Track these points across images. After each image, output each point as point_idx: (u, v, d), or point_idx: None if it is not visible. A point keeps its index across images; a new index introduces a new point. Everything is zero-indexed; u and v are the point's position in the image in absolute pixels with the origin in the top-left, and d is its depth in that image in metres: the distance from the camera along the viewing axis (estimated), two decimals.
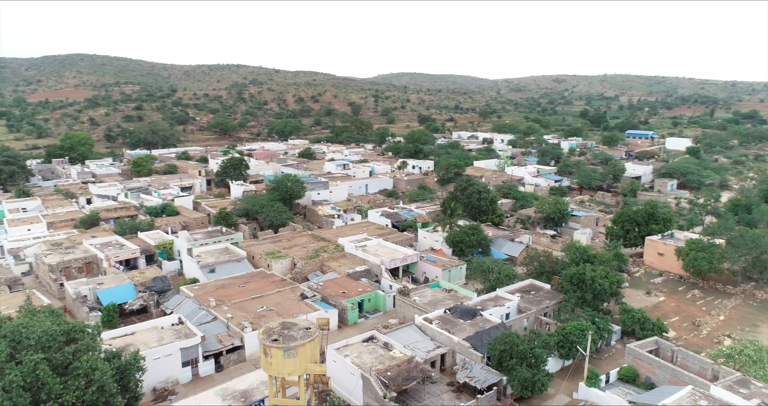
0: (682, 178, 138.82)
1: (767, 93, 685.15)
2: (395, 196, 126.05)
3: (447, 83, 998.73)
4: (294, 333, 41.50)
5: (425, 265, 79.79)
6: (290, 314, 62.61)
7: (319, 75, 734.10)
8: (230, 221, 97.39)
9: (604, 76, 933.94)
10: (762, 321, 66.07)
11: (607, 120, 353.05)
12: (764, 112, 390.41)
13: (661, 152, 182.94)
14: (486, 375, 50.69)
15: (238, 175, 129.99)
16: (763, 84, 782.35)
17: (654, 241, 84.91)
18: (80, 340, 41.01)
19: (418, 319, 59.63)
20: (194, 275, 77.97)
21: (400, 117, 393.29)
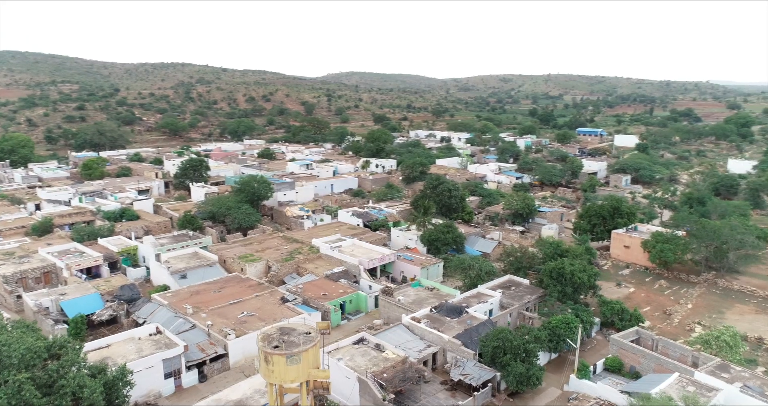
0: (634, 174, 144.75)
1: (698, 92, 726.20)
2: (362, 196, 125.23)
3: (397, 83, 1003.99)
4: (295, 339, 40.22)
5: (403, 264, 79.49)
6: (272, 318, 60.94)
7: (269, 74, 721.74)
8: (196, 225, 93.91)
9: (548, 76, 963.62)
10: (726, 308, 69.50)
11: (555, 118, 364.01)
12: (698, 109, 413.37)
13: (612, 149, 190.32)
14: (480, 372, 50.87)
15: (198, 177, 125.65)
16: (694, 83, 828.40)
17: (620, 234, 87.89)
18: (63, 356, 38.28)
19: (406, 318, 59.23)
20: (164, 282, 74.62)
21: (354, 116, 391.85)
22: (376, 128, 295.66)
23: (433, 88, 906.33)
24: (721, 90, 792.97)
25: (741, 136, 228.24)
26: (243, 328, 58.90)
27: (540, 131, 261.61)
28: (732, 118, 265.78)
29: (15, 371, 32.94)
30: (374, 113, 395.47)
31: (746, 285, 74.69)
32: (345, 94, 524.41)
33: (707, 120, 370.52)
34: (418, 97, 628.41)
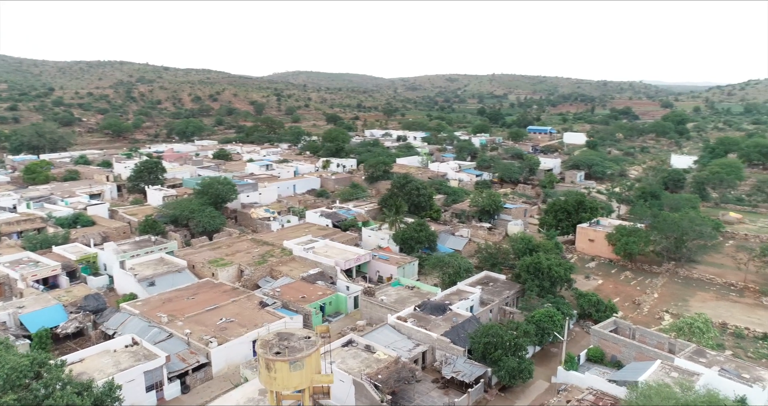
0: (587, 170, 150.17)
1: (633, 91, 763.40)
2: (326, 196, 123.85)
3: (345, 82, 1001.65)
4: (296, 344, 39.09)
5: (378, 263, 79.07)
6: (253, 324, 59.22)
7: (213, 73, 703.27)
8: (158, 229, 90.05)
9: (493, 76, 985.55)
10: (689, 296, 73.09)
11: (504, 117, 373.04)
12: (636, 108, 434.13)
13: (564, 146, 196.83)
14: (471, 369, 51.21)
15: (153, 180, 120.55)
16: (629, 83, 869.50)
17: (585, 228, 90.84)
18: (45, 374, 35.63)
19: (392, 318, 58.87)
20: (131, 290, 71.02)
21: (305, 116, 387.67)
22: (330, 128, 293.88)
23: (381, 88, 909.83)
24: (653, 89, 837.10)
25: (678, 133, 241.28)
26: (224, 335, 56.86)
27: (492, 130, 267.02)
28: (669, 116, 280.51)
29: (0, 393, 30.33)
30: (325, 113, 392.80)
31: (704, 273, 78.84)
32: (294, 93, 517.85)
33: (644, 118, 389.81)
34: (367, 96, 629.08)
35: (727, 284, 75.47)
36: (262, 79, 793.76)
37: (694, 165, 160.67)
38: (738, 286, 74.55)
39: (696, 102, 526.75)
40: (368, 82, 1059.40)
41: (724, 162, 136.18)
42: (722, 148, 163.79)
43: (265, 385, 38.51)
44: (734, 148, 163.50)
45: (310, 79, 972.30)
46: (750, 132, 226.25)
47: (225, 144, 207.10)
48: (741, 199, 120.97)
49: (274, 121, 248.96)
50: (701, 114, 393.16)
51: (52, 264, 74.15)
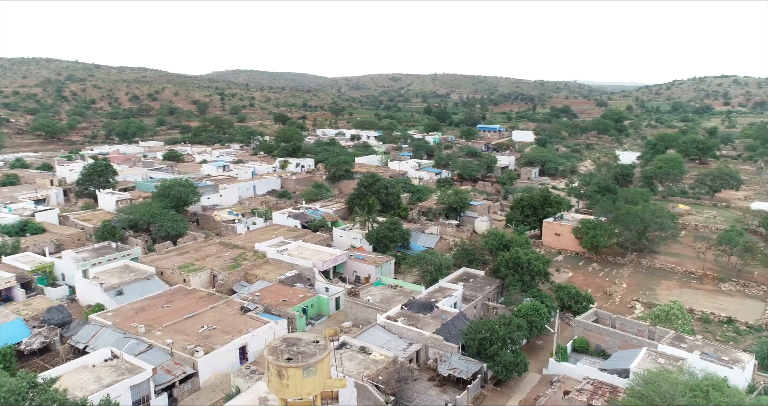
0: (541, 166, 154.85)
1: (568, 91, 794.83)
2: (288, 197, 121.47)
3: (287, 81, 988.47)
4: (305, 349, 37.94)
5: (355, 263, 78.25)
6: (237, 330, 57.15)
7: (150, 71, 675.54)
8: (117, 235, 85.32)
9: (435, 76, 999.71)
10: (655, 285, 76.65)
11: (450, 116, 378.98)
12: (574, 107, 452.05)
13: (515, 144, 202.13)
14: (466, 365, 51.47)
15: (104, 183, 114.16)
16: (564, 83, 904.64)
17: (551, 223, 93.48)
18: (37, 394, 32.81)
19: (381, 318, 58.29)
20: (96, 301, 66.87)
21: (251, 115, 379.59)
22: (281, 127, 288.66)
23: (324, 87, 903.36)
24: (587, 89, 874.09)
25: (618, 131, 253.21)
26: (208, 343, 54.49)
27: (443, 128, 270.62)
28: (607, 114, 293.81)
29: None
30: (272, 112, 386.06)
31: (666, 263, 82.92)
32: (236, 92, 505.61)
33: (582, 116, 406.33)
34: (311, 95, 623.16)
35: (687, 273, 79.72)
36: (202, 77, 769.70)
37: (638, 160, 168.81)
38: (697, 274, 78.89)
39: (627, 101, 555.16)
40: (311, 82, 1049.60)
41: (667, 157, 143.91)
42: (662, 145, 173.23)
43: (275, 393, 37.13)
44: (673, 144, 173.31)
45: (251, 78, 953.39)
46: (683, 129, 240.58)
47: (172, 145, 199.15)
48: (685, 192, 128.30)
49: (222, 121, 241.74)
50: (634, 112, 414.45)
51: (5, 276, 68.68)
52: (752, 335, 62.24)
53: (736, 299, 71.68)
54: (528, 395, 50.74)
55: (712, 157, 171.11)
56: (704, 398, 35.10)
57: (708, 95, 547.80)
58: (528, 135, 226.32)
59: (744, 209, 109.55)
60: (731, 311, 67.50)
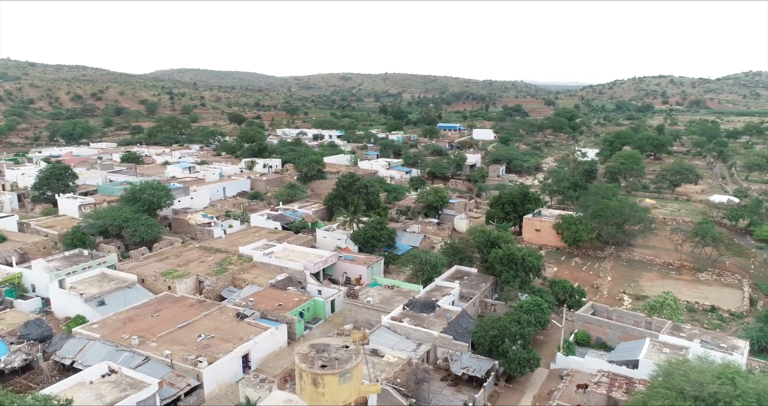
0: (507, 164, 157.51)
1: (516, 90, 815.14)
2: (260, 198, 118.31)
3: (235, 80, 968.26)
4: (337, 355, 36.69)
5: (345, 264, 76.87)
6: (238, 338, 54.90)
7: (89, 70, 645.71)
8: (88, 242, 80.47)
9: (386, 75, 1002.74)
10: (637, 277, 79.16)
11: (407, 115, 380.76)
12: (525, 106, 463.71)
13: (479, 143, 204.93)
14: (478, 363, 51.32)
15: (63, 188, 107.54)
16: (512, 82, 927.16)
17: (531, 219, 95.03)
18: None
19: (386, 319, 57.35)
20: (75, 312, 62.71)
21: (203, 115, 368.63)
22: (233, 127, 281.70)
23: (274, 86, 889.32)
24: (533, 88, 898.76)
25: (572, 128, 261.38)
26: (209, 353, 51.98)
27: (405, 127, 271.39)
28: (560, 113, 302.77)
29: None
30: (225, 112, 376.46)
31: (644, 256, 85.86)
32: (185, 92, 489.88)
33: (533, 115, 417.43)
34: (263, 95, 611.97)
35: (665, 264, 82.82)
36: (146, 76, 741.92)
37: (597, 157, 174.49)
38: (675, 265, 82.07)
39: (573, 100, 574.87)
40: (261, 81, 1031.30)
41: (627, 154, 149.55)
42: (619, 142, 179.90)
43: (310, 402, 35.62)
44: (629, 141, 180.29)
45: (198, 77, 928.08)
46: (633, 126, 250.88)
47: (126, 146, 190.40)
48: (646, 186, 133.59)
49: (178, 121, 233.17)
50: (582, 111, 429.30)
51: None
52: (735, 322, 65.18)
53: (714, 287, 74.97)
54: (540, 391, 51.10)
55: (666, 153, 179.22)
56: (731, 385, 36.14)
57: (647, 94, 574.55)
58: (488, 133, 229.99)
59: (706, 202, 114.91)
60: (713, 299, 70.51)
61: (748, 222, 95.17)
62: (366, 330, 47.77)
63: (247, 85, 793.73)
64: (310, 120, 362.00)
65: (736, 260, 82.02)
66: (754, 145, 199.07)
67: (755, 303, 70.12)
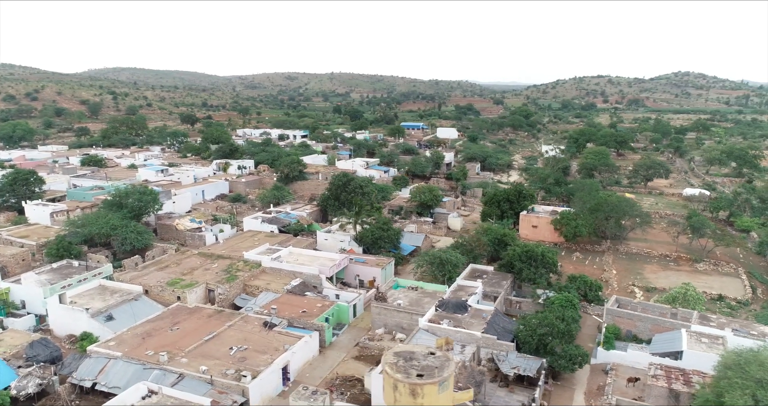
0: (481, 162, 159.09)
1: (461, 90, 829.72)
2: (242, 201, 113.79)
3: (175, 80, 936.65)
4: (429, 362, 35.04)
5: (357, 267, 74.74)
6: (273, 348, 51.98)
7: (18, 68, 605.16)
8: (74, 252, 74.48)
9: (332, 75, 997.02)
10: (641, 269, 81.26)
11: (362, 115, 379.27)
12: (476, 105, 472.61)
13: (448, 141, 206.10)
14: (527, 362, 50.70)
15: (30, 194, 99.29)
16: (457, 82, 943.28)
17: (528, 215, 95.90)
18: None
19: (423, 322, 55.83)
20: (81, 329, 57.52)
21: (150, 116, 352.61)
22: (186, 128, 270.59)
23: (218, 86, 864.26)
24: (478, 88, 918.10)
25: (530, 126, 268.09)
26: (247, 366, 48.84)
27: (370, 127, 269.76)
28: (517, 111, 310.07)
29: None
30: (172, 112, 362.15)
31: (641, 249, 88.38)
32: (128, 92, 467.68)
33: (484, 113, 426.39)
34: (209, 94, 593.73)
35: (663, 256, 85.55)
36: (80, 75, 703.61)
37: (562, 154, 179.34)
38: (672, 256, 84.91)
39: (519, 99, 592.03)
40: (203, 80, 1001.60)
41: (595, 150, 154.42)
42: (583, 139, 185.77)
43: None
44: (593, 138, 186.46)
45: (135, 76, 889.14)
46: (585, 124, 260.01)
47: (78, 149, 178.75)
48: (619, 181, 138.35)
49: (134, 122, 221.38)
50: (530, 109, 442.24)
51: None
52: (744, 310, 67.95)
53: (714, 277, 78.03)
54: (589, 387, 51.14)
55: (629, 149, 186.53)
56: None
57: (588, 94, 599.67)
58: (452, 132, 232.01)
59: (679, 195, 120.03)
60: (717, 288, 73.27)
61: (728, 213, 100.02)
62: (446, 337, 46.01)
63: (189, 85, 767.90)
64: (263, 120, 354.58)
65: (724, 249, 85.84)
66: (704, 142, 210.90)
67: (755, 290, 73.43)
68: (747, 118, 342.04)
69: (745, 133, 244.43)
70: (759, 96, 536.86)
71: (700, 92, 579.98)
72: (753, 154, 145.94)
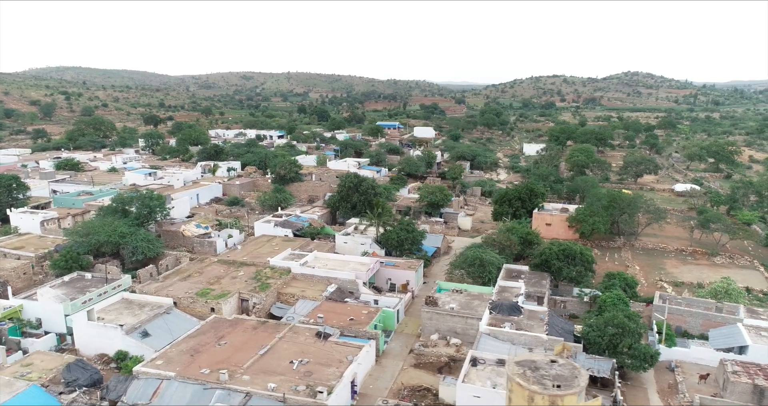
0: (471, 161, 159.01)
1: (419, 89, 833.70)
2: (240, 204, 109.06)
3: (124, 79, 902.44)
4: (558, 371, 33.24)
5: (388, 270, 72.33)
6: (337, 360, 49.09)
7: None
8: (84, 263, 68.93)
9: (289, 74, 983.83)
10: (662, 264, 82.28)
11: (328, 114, 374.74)
12: (440, 104, 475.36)
13: (431, 140, 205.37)
14: (598, 363, 49.80)
15: (14, 201, 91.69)
16: (415, 82, 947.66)
17: (541, 213, 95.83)
18: None
19: (484, 326, 54.13)
20: (114, 348, 52.83)
21: (107, 117, 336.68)
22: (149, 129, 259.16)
23: (170, 86, 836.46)
24: (436, 88, 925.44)
25: (502, 125, 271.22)
26: (315, 380, 45.83)
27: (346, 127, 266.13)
28: (488, 110, 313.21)
29: None
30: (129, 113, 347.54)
31: (657, 244, 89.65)
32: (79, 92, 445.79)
33: (448, 113, 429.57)
34: (164, 94, 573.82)
35: (678, 250, 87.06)
36: (23, 75, 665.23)
37: (543, 152, 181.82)
38: (688, 251, 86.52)
39: (479, 98, 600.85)
40: (153, 80, 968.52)
41: (581, 148, 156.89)
42: (564, 136, 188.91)
43: None
44: (573, 136, 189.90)
45: (80, 76, 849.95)
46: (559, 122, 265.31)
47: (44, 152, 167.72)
48: (608, 178, 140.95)
49: (103, 123, 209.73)
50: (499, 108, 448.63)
51: None
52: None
53: (733, 270, 79.81)
54: (659, 385, 50.71)
55: (608, 146, 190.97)
56: None
57: (545, 93, 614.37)
58: (429, 131, 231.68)
59: (670, 191, 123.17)
60: (740, 281, 74.57)
61: (728, 207, 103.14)
62: (564, 343, 44.17)
63: (142, 85, 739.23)
64: (227, 120, 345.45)
65: (733, 243, 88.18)
66: (674, 139, 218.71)
67: None
68: (701, 116, 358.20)
69: (707, 130, 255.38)
70: (704, 95, 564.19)
71: (650, 91, 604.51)
72: (730, 150, 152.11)
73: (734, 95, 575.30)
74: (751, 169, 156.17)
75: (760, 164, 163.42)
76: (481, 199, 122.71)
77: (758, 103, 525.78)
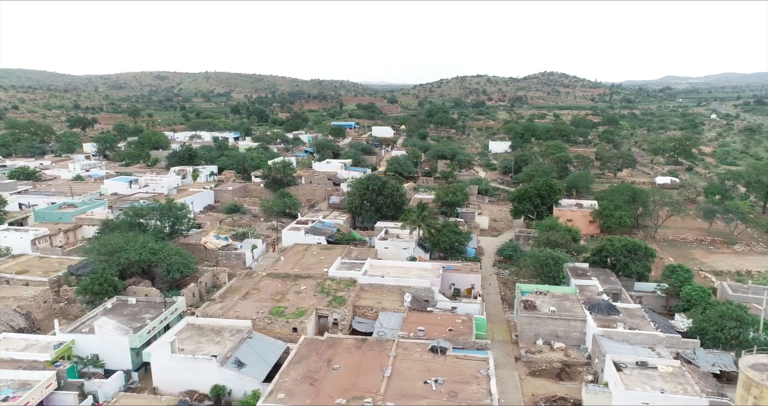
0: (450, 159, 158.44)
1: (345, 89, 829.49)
2: (241, 212, 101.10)
3: (20, 79, 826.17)
4: None
5: (451, 275, 69.16)
6: (473, 377, 45.51)
7: None
8: (119, 286, 60.16)
9: (207, 74, 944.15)
10: (690, 254, 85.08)
11: (268, 115, 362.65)
12: (378, 104, 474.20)
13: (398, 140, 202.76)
14: (718, 357, 49.93)
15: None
16: (340, 82, 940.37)
17: (562, 209, 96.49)
18: None
19: (597, 329, 52.55)
20: (207, 382, 45.86)
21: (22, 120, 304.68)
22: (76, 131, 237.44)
23: (77, 86, 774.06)
24: (360, 87, 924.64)
25: (452, 122, 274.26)
26: (463, 401, 42.13)
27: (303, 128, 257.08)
28: (433, 110, 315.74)
29: None
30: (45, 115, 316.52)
31: (676, 235, 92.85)
32: None
33: (384, 112, 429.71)
34: (75, 95, 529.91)
35: (698, 240, 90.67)
36: None
37: (510, 149, 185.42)
38: (707, 240, 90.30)
39: (408, 98, 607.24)
40: (55, 80, 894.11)
41: (554, 144, 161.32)
42: (528, 134, 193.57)
43: None
44: (536, 134, 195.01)
45: None
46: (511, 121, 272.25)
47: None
48: None
49: (39, 127, 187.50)
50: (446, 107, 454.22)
51: (32, 377, 42.36)
52: None
53: (754, 257, 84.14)
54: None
55: (572, 143, 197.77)
56: None
57: (471, 92, 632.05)
58: (387, 131, 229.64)
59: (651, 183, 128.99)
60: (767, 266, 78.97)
61: (720, 197, 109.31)
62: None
63: (43, 85, 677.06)
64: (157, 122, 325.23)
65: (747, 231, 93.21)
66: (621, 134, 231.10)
67: None
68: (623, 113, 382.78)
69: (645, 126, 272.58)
70: (616, 93, 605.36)
71: (567, 90, 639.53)
72: (688, 144, 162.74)
73: (641, 94, 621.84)
74: (703, 161, 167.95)
75: (709, 157, 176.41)
76: (479, 198, 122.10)
77: (662, 101, 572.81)
